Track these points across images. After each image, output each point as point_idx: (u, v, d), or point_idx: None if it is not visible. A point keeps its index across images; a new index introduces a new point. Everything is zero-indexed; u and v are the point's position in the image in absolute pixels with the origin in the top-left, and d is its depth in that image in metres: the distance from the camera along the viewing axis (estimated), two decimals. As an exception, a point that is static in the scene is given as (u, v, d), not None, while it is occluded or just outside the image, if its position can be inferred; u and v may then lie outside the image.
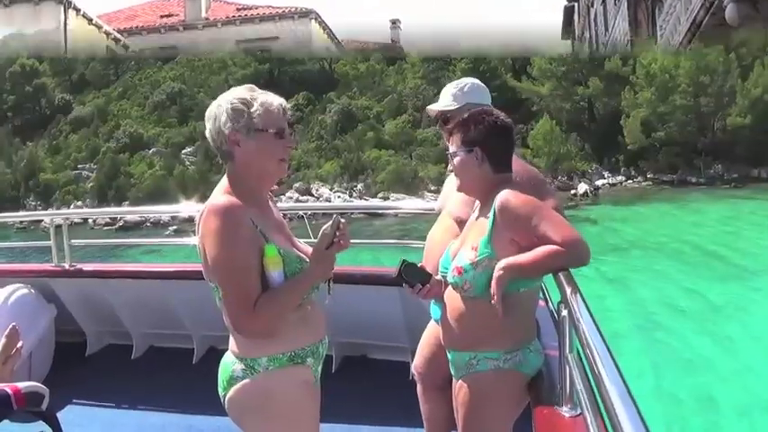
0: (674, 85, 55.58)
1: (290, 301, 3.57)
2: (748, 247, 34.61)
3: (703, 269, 30.49)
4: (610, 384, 2.61)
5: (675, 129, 55.67)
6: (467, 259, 3.89)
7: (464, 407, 4.02)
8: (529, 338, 4.04)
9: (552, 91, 60.18)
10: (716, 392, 17.84)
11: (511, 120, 4.19)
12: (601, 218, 44.10)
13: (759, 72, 57.02)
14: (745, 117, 54.95)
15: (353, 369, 7.25)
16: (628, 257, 33.74)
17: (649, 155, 55.97)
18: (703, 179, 54.39)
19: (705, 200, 47.82)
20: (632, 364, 19.23)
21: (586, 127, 60.70)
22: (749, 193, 49.53)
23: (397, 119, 64.73)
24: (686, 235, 37.93)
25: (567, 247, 3.67)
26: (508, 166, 4.12)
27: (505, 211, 3.79)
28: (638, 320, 23.91)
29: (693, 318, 24.05)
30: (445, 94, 5.05)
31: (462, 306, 3.96)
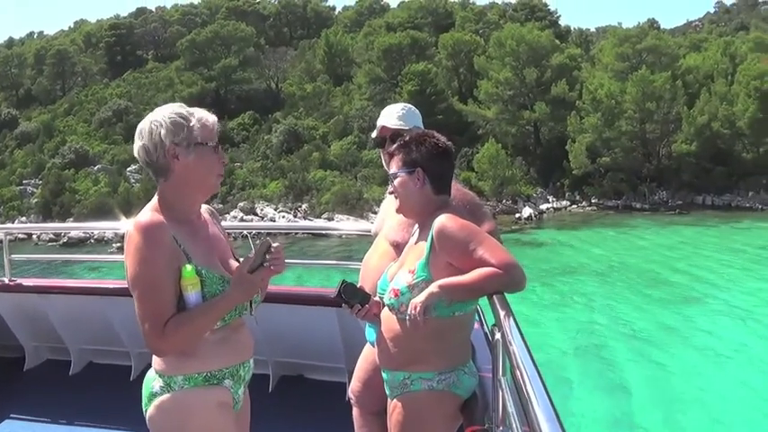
0: (621, 110, 55.79)
1: (204, 323, 3.49)
2: (691, 273, 34.67)
3: (645, 295, 30.64)
4: (538, 408, 2.57)
5: (621, 154, 55.70)
6: (404, 282, 3.85)
7: (398, 427, 3.98)
8: (463, 360, 3.99)
9: (498, 115, 59.99)
10: (647, 417, 17.97)
11: (450, 143, 4.08)
12: (545, 242, 43.90)
13: (706, 99, 57.38)
14: (690, 144, 55.09)
15: (291, 389, 7.14)
16: (571, 281, 33.57)
17: (594, 180, 55.85)
18: (648, 205, 54.33)
19: (649, 225, 47.97)
20: (572, 387, 19.64)
21: (532, 151, 60.55)
22: (693, 220, 49.78)
23: (343, 140, 64.23)
24: (630, 260, 37.96)
25: (503, 271, 3.63)
26: (447, 189, 4.05)
27: (443, 235, 3.74)
28: (579, 343, 23.93)
29: (634, 342, 24.09)
30: (390, 115, 4.99)
31: (398, 327, 3.90)
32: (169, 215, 3.48)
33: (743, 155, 58.58)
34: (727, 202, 55.06)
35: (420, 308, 3.64)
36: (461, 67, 68.97)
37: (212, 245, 3.71)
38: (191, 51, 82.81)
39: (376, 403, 4.52)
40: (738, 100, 58.15)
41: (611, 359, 22.55)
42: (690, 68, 63.16)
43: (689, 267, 36.17)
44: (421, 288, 3.74)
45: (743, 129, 57.56)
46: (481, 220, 4.25)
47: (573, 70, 62.22)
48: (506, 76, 60.13)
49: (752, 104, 56.96)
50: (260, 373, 6.18)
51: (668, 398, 19.33)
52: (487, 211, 4.87)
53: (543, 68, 60.88)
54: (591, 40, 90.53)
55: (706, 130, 55.82)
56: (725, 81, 61.01)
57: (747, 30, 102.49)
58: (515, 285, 3.67)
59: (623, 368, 21.73)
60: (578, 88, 58.89)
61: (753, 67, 59.50)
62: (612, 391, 19.85)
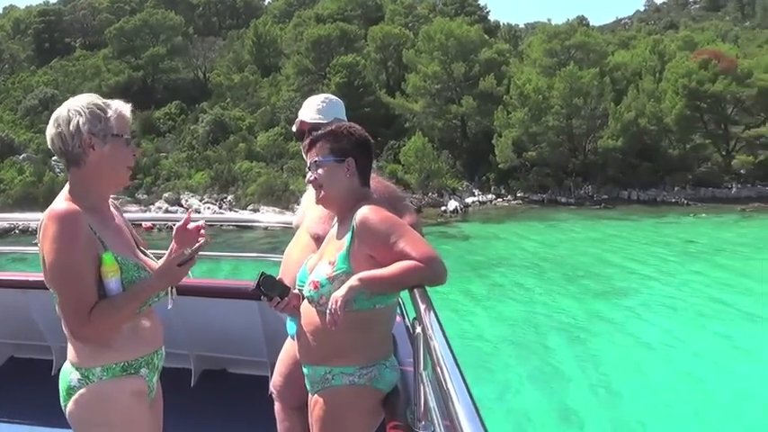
0: (548, 105, 55.84)
1: (127, 310, 3.51)
2: (618, 265, 35.02)
3: (570, 287, 30.78)
4: (458, 403, 2.55)
5: (547, 149, 55.77)
6: (324, 274, 3.79)
7: (319, 422, 3.92)
8: (385, 354, 3.96)
9: (426, 108, 59.69)
10: (572, 409, 17.97)
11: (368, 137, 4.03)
12: (471, 235, 43.65)
13: (633, 96, 57.77)
14: (616, 140, 55.33)
15: (213, 383, 6.98)
16: (496, 274, 33.47)
17: (520, 174, 55.87)
18: (573, 199, 54.52)
19: (574, 219, 48.16)
20: (496, 379, 19.59)
21: (458, 145, 60.29)
22: (618, 215, 50.06)
23: (270, 131, 63.41)
24: (556, 253, 38.09)
25: (424, 264, 3.57)
26: (368, 181, 4.01)
27: (364, 227, 3.69)
28: (505, 335, 23.78)
29: (558, 335, 24.08)
30: (310, 107, 4.99)
31: (318, 321, 3.83)
32: (82, 204, 3.46)
33: (669, 151, 59.28)
34: (652, 197, 55.55)
35: (341, 302, 3.55)
36: (390, 60, 68.64)
37: (123, 234, 3.74)
38: (119, 39, 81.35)
39: (297, 397, 4.45)
40: (666, 97, 58.92)
41: (537, 350, 22.53)
42: (618, 65, 63.48)
43: (616, 260, 36.51)
44: (341, 280, 3.69)
45: (670, 125, 58.28)
46: (402, 213, 4.22)
47: (501, 65, 62.17)
48: (434, 70, 59.81)
49: (679, 101, 57.68)
50: (182, 368, 6.51)
51: (599, 387, 19.36)
52: (409, 204, 4.88)
53: (471, 63, 60.66)
54: (520, 36, 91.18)
55: (633, 126, 56.19)
56: (653, 78, 61.70)
57: (677, 28, 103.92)
58: (436, 279, 3.62)
59: (550, 359, 21.73)
60: (506, 83, 58.91)
61: (681, 65, 60.13)
62: (541, 382, 19.83)
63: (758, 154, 59.70)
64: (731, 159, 60.06)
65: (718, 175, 58.83)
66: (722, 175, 58.82)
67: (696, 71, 58.87)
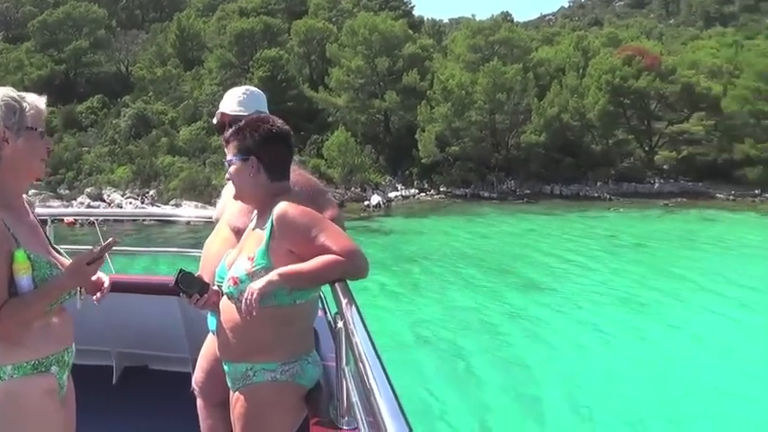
0: (471, 101, 55.75)
1: (38, 307, 3.43)
2: (538, 260, 35.16)
3: (493, 281, 30.71)
4: (381, 398, 2.57)
5: (470, 144, 55.81)
6: (243, 269, 3.72)
7: (241, 420, 3.86)
8: (306, 350, 3.93)
9: (349, 103, 59.29)
10: (493, 405, 17.90)
11: (288, 127, 3.93)
12: (394, 229, 43.44)
13: (556, 92, 57.94)
14: (539, 135, 55.50)
15: (135, 380, 6.93)
16: (420, 268, 33.46)
17: (443, 169, 55.69)
18: (496, 194, 54.50)
19: (497, 214, 48.08)
20: (417, 375, 19.27)
21: (381, 139, 60.01)
22: (541, 209, 50.19)
23: (192, 125, 62.57)
24: (477, 248, 38.02)
25: (345, 258, 3.56)
26: (285, 174, 3.94)
27: (283, 222, 3.64)
28: (425, 330, 23.70)
29: (482, 328, 24.06)
30: (231, 99, 4.91)
31: (238, 317, 3.77)
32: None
33: (592, 146, 59.83)
34: (575, 192, 55.78)
35: (257, 294, 3.54)
36: (313, 55, 68.04)
37: (37, 231, 3.69)
38: (42, 32, 79.34)
39: (219, 394, 4.38)
40: (589, 93, 59.35)
41: (460, 345, 22.40)
42: (542, 61, 63.73)
43: (539, 254, 36.68)
44: (260, 276, 3.65)
45: (593, 121, 58.82)
46: (324, 207, 4.27)
47: (425, 60, 61.92)
48: (358, 65, 59.37)
49: (602, 97, 58.15)
50: (104, 365, 6.48)
51: (518, 382, 19.34)
52: (330, 198, 4.88)
53: (395, 58, 60.31)
54: (444, 31, 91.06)
55: (555, 122, 56.39)
56: (576, 74, 62.08)
57: (601, 25, 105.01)
58: (357, 273, 3.65)
59: (471, 355, 21.65)
60: (429, 78, 58.64)
61: (605, 62, 60.64)
62: (461, 377, 19.82)
63: (681, 149, 60.52)
64: (654, 155, 60.84)
65: (640, 170, 59.53)
66: (645, 171, 59.54)
67: (620, 67, 59.53)
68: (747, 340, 23.57)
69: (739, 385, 19.36)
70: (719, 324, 25.59)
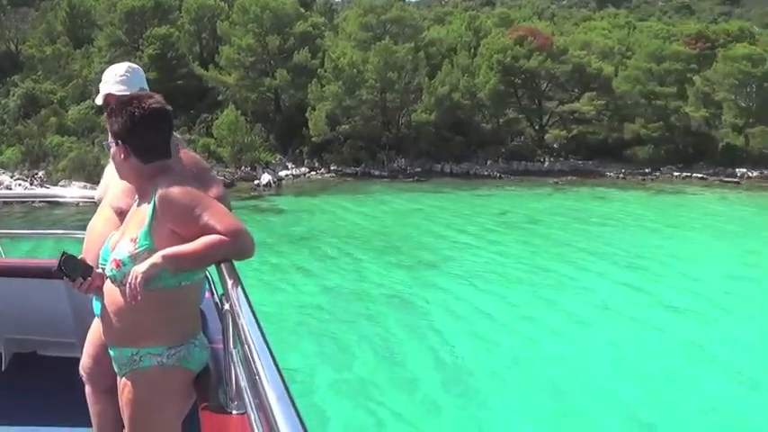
0: (362, 79, 55.67)
1: None
2: (428, 237, 35.64)
3: (384, 260, 31.01)
4: (267, 382, 2.58)
5: (361, 122, 55.88)
6: (125, 252, 3.68)
7: (129, 406, 3.80)
8: (193, 333, 3.85)
9: (239, 81, 58.69)
10: (381, 383, 18.16)
11: (162, 103, 3.74)
12: (285, 208, 43.38)
13: (447, 71, 58.13)
14: (430, 114, 55.67)
15: (24, 366, 6.80)
16: (311, 246, 33.40)
17: (333, 147, 55.64)
18: (386, 172, 54.62)
19: (388, 192, 48.36)
20: (311, 355, 19.68)
21: (272, 118, 59.63)
22: (432, 187, 50.59)
23: (81, 104, 60.99)
24: (368, 226, 38.20)
25: (229, 238, 3.54)
26: (163, 154, 3.79)
27: (165, 202, 3.59)
28: (315, 310, 23.88)
29: (377, 307, 24.43)
30: (112, 80, 4.81)
31: (122, 301, 3.69)
32: None
33: (482, 125, 60.26)
34: (465, 171, 56.13)
35: (140, 278, 3.49)
36: (204, 33, 67.12)
37: None
38: (-74, 10, 77.69)
39: (107, 380, 4.30)
40: (480, 72, 59.76)
41: (353, 324, 22.52)
42: (433, 41, 63.97)
43: (430, 231, 37.08)
44: (143, 258, 3.60)
45: (483, 100, 59.41)
46: (209, 186, 4.25)
47: (316, 39, 61.59)
48: (249, 43, 58.76)
49: (493, 77, 58.72)
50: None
51: (409, 361, 19.67)
52: (215, 176, 4.89)
53: (286, 36, 59.76)
54: (336, 10, 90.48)
55: (446, 101, 56.59)
56: (468, 54, 62.48)
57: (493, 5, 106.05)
58: (243, 252, 3.61)
59: (364, 333, 21.77)
60: (321, 57, 58.38)
61: (496, 41, 61.09)
62: (351, 356, 20.05)
63: (571, 129, 61.58)
64: (544, 134, 61.83)
65: (531, 149, 60.28)
66: (535, 149, 60.29)
67: (511, 47, 60.27)
68: (645, 309, 24.84)
69: (634, 354, 20.59)
70: (617, 295, 26.83)
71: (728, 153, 62.14)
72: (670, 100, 62.98)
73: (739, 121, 64.82)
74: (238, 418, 3.52)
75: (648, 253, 32.92)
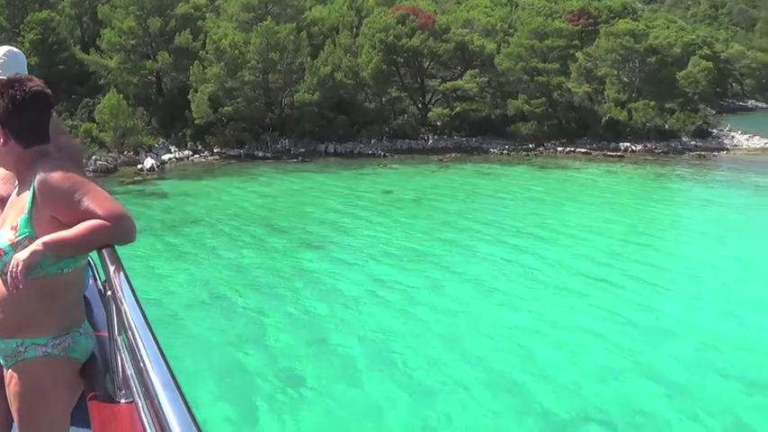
0: (244, 60, 55.34)
1: None
2: (314, 219, 36.08)
3: (269, 240, 31.44)
4: (153, 370, 2.53)
5: (243, 104, 55.71)
6: (6, 240, 3.60)
7: (16, 399, 3.69)
8: (77, 321, 3.77)
9: (120, 64, 57.92)
10: (262, 367, 18.61)
11: (42, 86, 3.69)
12: (169, 192, 43.16)
13: (330, 50, 58.29)
14: (313, 94, 55.75)
15: None
16: (197, 230, 33.37)
17: (216, 129, 55.27)
18: (270, 153, 54.60)
19: (272, 173, 48.54)
20: (200, 341, 19.80)
21: (154, 101, 59.14)
22: (316, 167, 50.96)
23: (-39, 90, 59.88)
24: (252, 208, 38.48)
25: (110, 222, 3.46)
26: (42, 138, 3.72)
27: (45, 188, 3.53)
28: (205, 294, 24.12)
29: (262, 291, 24.73)
30: None
31: (3, 290, 3.58)
32: None
33: (365, 104, 60.44)
34: (349, 150, 56.44)
35: (21, 266, 3.41)
36: (85, 16, 66.11)
37: None
38: None
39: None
40: (362, 51, 59.91)
41: (241, 309, 22.85)
42: (315, 20, 64.00)
43: (315, 213, 37.50)
44: (24, 246, 3.51)
45: (366, 79, 59.54)
46: (84, 169, 4.16)
47: (197, 20, 61.07)
48: (130, 26, 58.05)
49: (375, 56, 58.97)
50: None
51: (291, 343, 20.17)
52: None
53: (167, 18, 59.22)
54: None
55: (329, 81, 56.75)
56: (350, 33, 62.72)
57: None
58: (125, 236, 3.57)
59: (251, 318, 22.12)
60: (202, 38, 57.92)
61: (378, 20, 61.32)
62: (237, 338, 20.36)
63: (454, 106, 62.10)
64: (428, 112, 62.33)
65: (414, 127, 60.82)
66: (419, 128, 60.84)
67: (393, 26, 60.39)
68: (537, 281, 26.30)
69: (526, 326, 21.71)
70: (507, 268, 27.93)
71: (612, 127, 63.66)
72: (553, 76, 64.23)
73: (622, 95, 66.45)
74: (127, 406, 3.47)
75: (536, 226, 34.37)
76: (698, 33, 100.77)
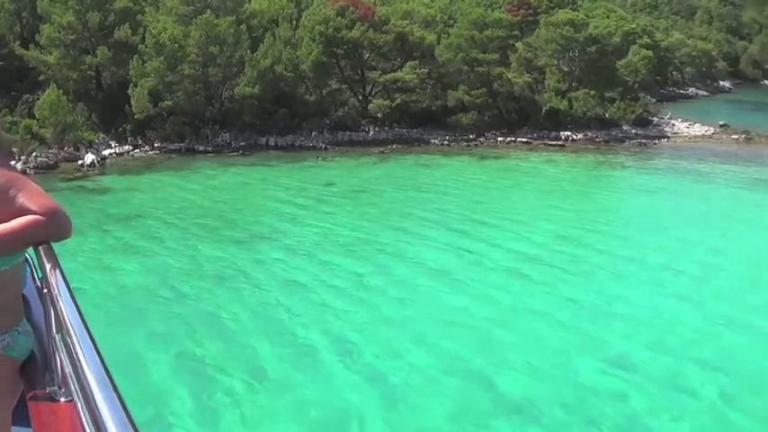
0: (184, 54, 55.21)
1: None
2: (256, 212, 36.53)
3: (214, 234, 31.74)
4: (88, 368, 2.50)
5: (183, 98, 55.52)
6: None
7: None
8: (16, 320, 3.71)
9: (60, 60, 57.49)
10: (218, 357, 19.03)
11: None
12: (110, 187, 43.06)
13: (270, 43, 58.22)
14: (253, 87, 55.70)
15: None
16: (139, 226, 33.42)
17: (157, 124, 55.12)
18: (211, 147, 54.46)
19: (213, 167, 48.51)
20: (155, 333, 20.29)
21: (94, 96, 58.74)
22: (257, 161, 51.08)
23: None
24: (198, 201, 38.64)
25: (45, 218, 3.41)
26: None
27: None
28: (160, 286, 24.51)
29: (206, 283, 25.07)
30: None
31: None
32: None
33: (306, 97, 60.58)
34: (290, 143, 56.44)
35: None
36: (24, 11, 65.31)
37: None
38: None
39: None
40: (302, 44, 59.97)
41: (184, 301, 23.22)
42: (255, 13, 63.84)
43: (257, 205, 37.98)
44: None
45: (306, 72, 59.63)
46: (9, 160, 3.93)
47: (137, 14, 60.76)
48: (69, 20, 57.64)
49: (315, 48, 59.11)
50: None
51: (244, 334, 20.61)
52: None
53: (107, 12, 58.83)
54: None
55: (269, 73, 56.67)
56: (290, 26, 62.72)
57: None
58: (60, 232, 3.52)
59: (205, 309, 22.53)
60: (142, 32, 57.67)
61: (318, 13, 61.50)
62: (184, 334, 20.56)
63: (394, 98, 62.38)
64: (368, 104, 62.44)
65: (355, 119, 61.05)
66: (359, 120, 61.07)
67: (333, 18, 60.44)
68: (489, 264, 27.44)
69: (476, 312, 22.45)
70: (455, 254, 28.91)
71: (552, 117, 64.56)
72: (493, 67, 64.76)
73: (562, 85, 67.38)
74: (66, 405, 3.41)
75: (482, 213, 35.43)
76: (638, 22, 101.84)
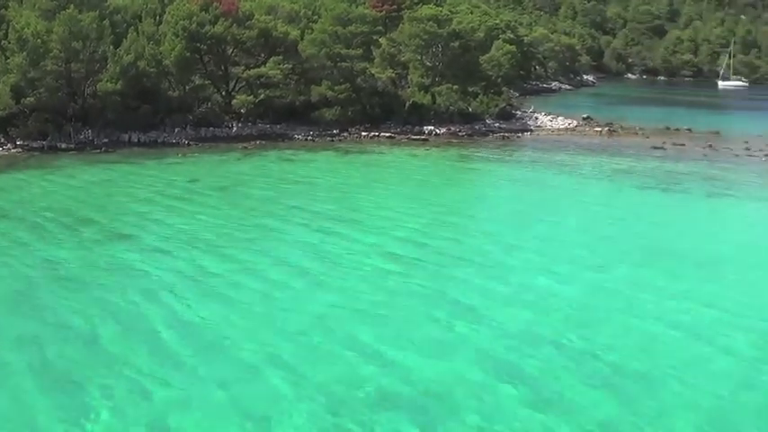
0: (47, 50, 54.77)
1: None
2: (120, 210, 36.43)
3: (77, 234, 31.33)
4: None
5: (46, 94, 55.05)
6: None
7: None
8: None
9: None
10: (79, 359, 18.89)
11: None
12: None
13: (133, 39, 58.36)
14: (116, 83, 55.71)
15: None
16: (5, 225, 33.00)
17: (19, 121, 54.30)
18: (73, 144, 54.03)
19: (76, 165, 48.16)
20: (15, 338, 20.18)
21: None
22: (120, 158, 51.04)
23: None
24: (58, 201, 37.81)
25: None
26: None
27: None
28: (21, 288, 24.30)
29: (65, 284, 24.83)
30: None
31: None
32: None
33: (169, 92, 61.01)
34: (153, 139, 56.79)
35: None
36: None
37: None
38: None
39: None
40: (166, 39, 60.31)
41: (53, 304, 22.98)
42: (118, 8, 63.96)
43: (119, 204, 37.77)
44: None
45: (169, 67, 59.98)
46: None
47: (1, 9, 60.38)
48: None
49: (179, 44, 59.58)
50: None
51: (119, 339, 20.35)
52: None
53: (-32, 7, 58.42)
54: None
55: (132, 69, 56.88)
56: (153, 21, 63.02)
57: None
58: None
59: (67, 312, 22.34)
60: (5, 28, 57.12)
61: (182, 8, 61.78)
62: (56, 335, 20.52)
63: (258, 93, 63.23)
64: (232, 99, 63.22)
65: (218, 115, 61.91)
66: (223, 115, 61.97)
67: (197, 13, 60.94)
68: (357, 258, 28.38)
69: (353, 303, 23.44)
70: (321, 249, 29.72)
71: (416, 111, 66.58)
72: (356, 62, 66.38)
73: (426, 80, 69.46)
74: None
75: (348, 209, 36.86)
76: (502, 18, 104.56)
